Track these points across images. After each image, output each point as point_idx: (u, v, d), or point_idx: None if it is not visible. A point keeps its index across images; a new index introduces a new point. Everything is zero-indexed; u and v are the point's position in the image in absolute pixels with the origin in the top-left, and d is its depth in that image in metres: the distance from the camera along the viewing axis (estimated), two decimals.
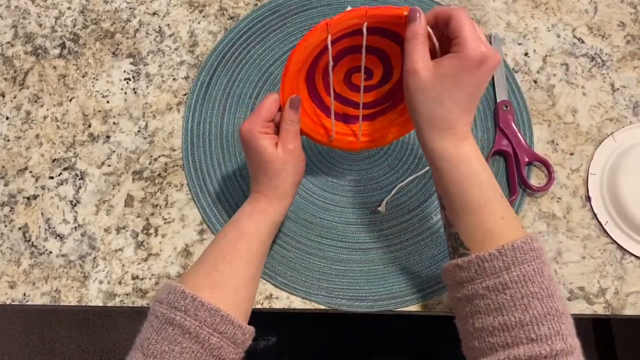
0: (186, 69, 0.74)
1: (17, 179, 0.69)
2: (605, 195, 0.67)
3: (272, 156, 0.54)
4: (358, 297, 0.63)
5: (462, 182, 0.49)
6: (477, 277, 0.47)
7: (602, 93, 0.72)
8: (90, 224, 0.67)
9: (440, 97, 0.48)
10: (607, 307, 0.63)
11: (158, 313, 0.49)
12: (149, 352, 0.47)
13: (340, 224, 0.66)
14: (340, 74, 0.57)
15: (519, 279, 0.45)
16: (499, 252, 0.46)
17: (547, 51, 0.74)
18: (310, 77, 0.56)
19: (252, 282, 0.56)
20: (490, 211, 0.49)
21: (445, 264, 0.52)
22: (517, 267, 0.45)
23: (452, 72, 0.47)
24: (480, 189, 0.49)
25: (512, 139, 0.68)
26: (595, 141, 0.70)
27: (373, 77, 0.58)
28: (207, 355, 0.48)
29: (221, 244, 0.55)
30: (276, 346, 0.76)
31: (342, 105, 0.60)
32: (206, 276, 0.53)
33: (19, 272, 0.65)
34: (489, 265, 0.46)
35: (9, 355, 1.48)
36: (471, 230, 0.49)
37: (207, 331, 0.48)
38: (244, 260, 0.54)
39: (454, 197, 0.50)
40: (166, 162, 0.69)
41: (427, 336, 0.78)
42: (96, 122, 0.71)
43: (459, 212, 0.50)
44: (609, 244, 0.66)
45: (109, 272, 0.64)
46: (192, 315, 0.48)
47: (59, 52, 0.75)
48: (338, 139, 0.60)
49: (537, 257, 0.46)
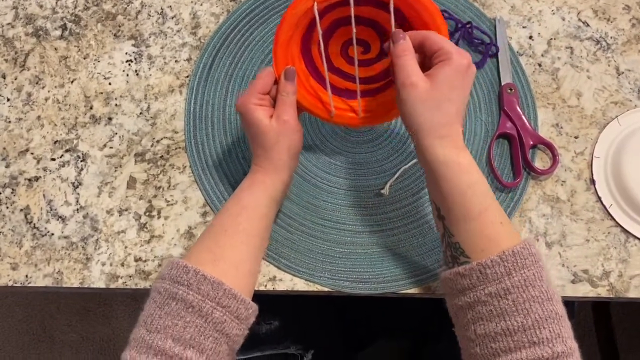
0: (188, 50, 0.73)
1: (19, 160, 0.68)
2: (609, 179, 0.67)
3: (266, 127, 0.55)
4: (361, 279, 0.63)
5: (464, 190, 0.50)
6: (479, 284, 0.47)
7: (607, 76, 0.72)
8: (92, 205, 0.66)
9: (439, 104, 0.50)
10: (611, 290, 0.63)
11: (161, 289, 0.49)
12: (152, 328, 0.47)
13: (344, 207, 0.66)
14: (337, 46, 0.57)
15: (520, 284, 0.45)
16: (500, 258, 0.46)
17: (552, 34, 0.74)
18: (306, 50, 0.56)
19: (255, 257, 0.55)
20: (490, 218, 0.49)
21: (444, 272, 0.51)
22: (518, 272, 0.46)
23: (446, 78, 0.50)
24: (480, 196, 0.50)
25: (516, 122, 0.68)
26: (600, 124, 0.70)
27: (371, 50, 0.57)
28: (210, 329, 0.48)
29: (222, 218, 0.55)
30: (279, 330, 0.76)
31: (343, 80, 0.59)
32: (208, 250, 0.53)
33: (20, 254, 0.64)
34: (490, 272, 0.46)
35: (9, 343, 1.48)
36: (472, 238, 0.49)
37: (210, 305, 0.48)
38: (245, 234, 0.54)
39: (456, 205, 0.50)
40: (168, 144, 0.69)
41: (430, 320, 0.78)
42: (98, 103, 0.71)
43: (460, 221, 0.50)
44: (613, 227, 0.65)
45: (111, 254, 0.64)
46: (195, 289, 0.48)
47: (60, 33, 0.74)
48: (339, 114, 0.59)
49: (536, 261, 0.47)
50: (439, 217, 0.53)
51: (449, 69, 0.50)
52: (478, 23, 0.74)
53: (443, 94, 0.50)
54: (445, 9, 0.74)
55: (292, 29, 0.53)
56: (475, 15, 0.74)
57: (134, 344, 0.47)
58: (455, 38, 0.73)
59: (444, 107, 0.50)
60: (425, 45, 0.51)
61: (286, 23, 0.52)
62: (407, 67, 0.50)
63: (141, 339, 0.47)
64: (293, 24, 0.52)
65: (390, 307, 0.79)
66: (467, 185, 0.50)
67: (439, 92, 0.50)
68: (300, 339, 0.77)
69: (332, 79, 0.59)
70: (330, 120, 0.59)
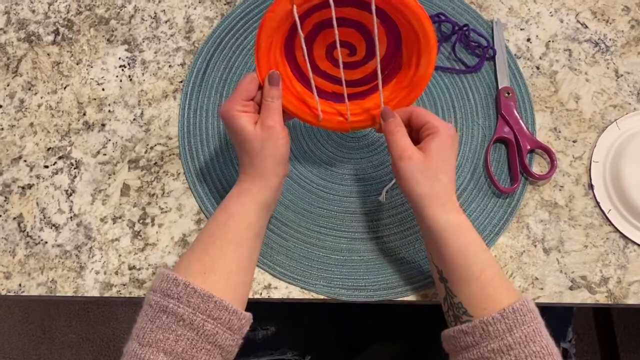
0: (182, 55, 0.72)
1: (12, 168, 0.68)
2: (608, 183, 0.66)
3: (250, 134, 0.54)
4: (357, 286, 0.62)
5: (464, 251, 0.52)
6: (482, 341, 0.49)
7: (606, 79, 0.71)
8: (85, 213, 0.66)
9: (436, 174, 0.54)
10: (610, 297, 0.62)
11: (152, 302, 0.49)
12: (145, 342, 0.46)
13: (340, 213, 0.66)
14: (322, 49, 0.56)
15: (522, 340, 0.47)
16: (501, 315, 0.48)
17: (550, 37, 0.73)
18: (290, 54, 0.55)
19: (245, 267, 0.55)
20: (490, 276, 0.52)
21: (446, 331, 0.53)
22: (518, 328, 0.48)
23: (437, 150, 0.54)
24: (479, 255, 0.52)
25: (514, 126, 0.67)
26: (599, 128, 0.69)
27: (357, 52, 0.56)
28: (202, 341, 0.48)
29: (211, 228, 0.55)
30: (275, 336, 0.76)
31: (331, 83, 0.58)
32: (197, 261, 0.52)
33: (14, 263, 0.64)
34: (493, 329, 0.48)
35: (9, 344, 1.48)
36: (474, 297, 0.51)
37: (201, 317, 0.48)
38: (234, 244, 0.54)
39: (458, 267, 0.52)
40: (162, 150, 0.68)
41: (427, 324, 0.78)
42: (91, 110, 0.70)
43: (462, 282, 0.52)
44: (612, 232, 0.65)
45: (105, 262, 0.64)
46: (185, 302, 0.48)
47: (52, 38, 0.73)
48: (327, 118, 0.58)
49: (535, 317, 0.49)
50: (440, 279, 0.55)
51: (439, 141, 0.54)
52: (475, 26, 0.73)
53: (437, 164, 0.54)
54: (442, 11, 0.73)
55: (272, 33, 0.52)
56: (472, 18, 0.73)
57: (127, 357, 0.47)
58: (452, 41, 0.72)
59: (440, 176, 0.54)
60: (412, 119, 0.56)
61: (266, 27, 0.51)
62: (401, 142, 0.54)
63: (133, 352, 0.47)
64: (273, 28, 0.51)
65: (387, 311, 0.79)
66: (466, 246, 0.53)
67: (433, 163, 0.53)
68: (297, 344, 0.76)
69: (319, 82, 0.58)
70: (319, 124, 0.58)
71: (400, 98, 0.57)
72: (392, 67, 0.57)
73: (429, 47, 0.53)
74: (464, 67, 0.71)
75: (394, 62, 0.57)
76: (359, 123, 0.59)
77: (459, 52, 0.72)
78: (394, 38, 0.55)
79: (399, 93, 0.57)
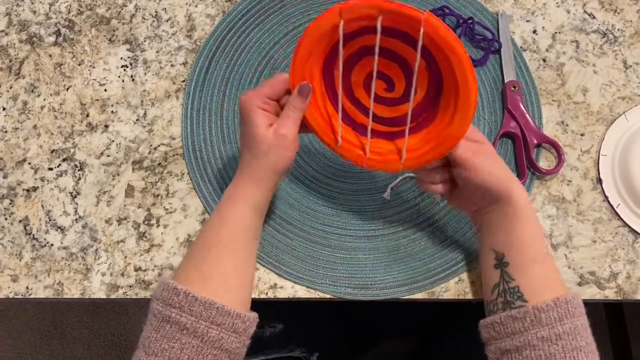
0: (184, 54, 0.72)
1: (16, 170, 0.68)
2: (617, 177, 0.65)
3: (260, 135, 0.53)
4: (364, 285, 0.62)
5: (536, 234, 0.53)
6: (531, 327, 0.48)
7: (614, 71, 0.70)
8: (91, 215, 0.66)
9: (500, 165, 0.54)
10: (619, 292, 0.62)
11: (155, 311, 0.49)
12: (150, 351, 0.47)
13: (344, 212, 0.65)
14: (360, 76, 0.53)
15: (571, 331, 0.48)
16: (555, 303, 0.48)
17: (557, 28, 0.71)
18: (329, 74, 0.53)
19: (244, 269, 0.55)
20: (551, 264, 0.53)
21: (490, 318, 0.52)
22: (569, 319, 0.48)
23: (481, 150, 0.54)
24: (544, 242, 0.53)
25: (520, 121, 0.66)
26: (607, 121, 0.68)
27: (395, 89, 0.53)
28: (208, 347, 0.48)
29: (206, 233, 0.54)
30: (283, 333, 0.76)
31: (362, 114, 0.55)
32: (195, 269, 0.52)
33: (21, 266, 0.64)
34: (545, 316, 0.48)
35: (22, 340, 1.50)
36: (535, 281, 0.51)
37: (205, 325, 0.48)
38: (229, 250, 0.53)
39: (527, 249, 0.52)
40: (166, 151, 0.68)
41: (434, 322, 0.77)
42: (94, 111, 0.70)
43: (527, 264, 0.52)
44: (621, 227, 0.64)
45: (111, 264, 0.64)
46: (187, 310, 0.48)
47: (54, 39, 0.73)
48: (346, 147, 0.55)
49: (583, 313, 0.50)
50: (496, 265, 0.54)
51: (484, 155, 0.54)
52: (480, 18, 0.72)
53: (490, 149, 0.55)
54: (446, 4, 0.72)
55: (314, 44, 0.49)
56: (477, 10, 0.72)
57: None
58: (457, 35, 0.71)
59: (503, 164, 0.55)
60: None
61: (307, 37, 0.49)
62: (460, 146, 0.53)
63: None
64: (315, 39, 0.49)
65: (394, 309, 0.78)
66: (537, 232, 0.53)
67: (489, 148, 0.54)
68: (305, 341, 0.76)
69: (349, 109, 0.55)
70: (336, 149, 0.56)
71: (426, 150, 0.53)
72: (426, 117, 0.53)
73: (468, 102, 0.49)
74: None
75: (430, 111, 0.53)
76: (375, 162, 0.56)
77: (464, 45, 0.70)
78: (435, 86, 0.51)
79: (426, 144, 0.53)
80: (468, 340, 0.56)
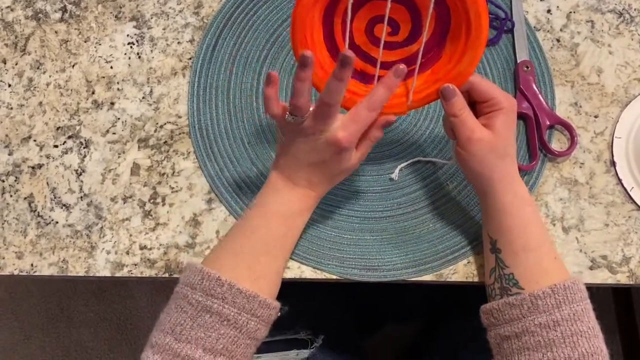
0: (191, 31, 0.71)
1: (22, 147, 0.67)
2: (631, 160, 0.64)
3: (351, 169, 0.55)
4: (371, 266, 0.61)
5: (525, 223, 0.53)
6: (529, 314, 0.49)
7: (630, 51, 0.68)
8: (96, 193, 0.65)
9: (505, 151, 0.53)
10: (631, 276, 0.61)
11: (192, 300, 0.49)
12: (183, 338, 0.48)
13: (352, 192, 0.64)
14: (362, 21, 0.52)
15: (570, 317, 0.47)
16: (552, 290, 0.48)
17: (571, 7, 0.70)
18: (327, 22, 0.51)
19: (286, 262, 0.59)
20: (547, 251, 0.52)
21: (489, 304, 0.53)
22: (567, 305, 0.48)
23: (504, 126, 0.52)
24: (540, 229, 0.53)
25: (532, 101, 0.65)
26: (622, 102, 0.66)
27: (399, 32, 0.52)
28: (244, 337, 0.50)
29: (264, 237, 0.54)
30: (288, 316, 0.75)
31: (362, 61, 0.54)
32: (248, 269, 0.53)
33: (25, 243, 0.64)
34: (542, 303, 0.48)
35: (29, 323, 1.51)
36: (529, 268, 0.51)
37: (246, 317, 0.49)
38: (288, 253, 0.58)
39: (518, 238, 0.52)
40: (172, 129, 0.67)
41: (440, 304, 0.77)
42: (100, 88, 0.69)
43: (519, 251, 0.52)
44: (634, 210, 0.63)
45: (116, 242, 0.63)
46: (230, 302, 0.49)
47: (60, 16, 0.72)
48: (350, 98, 0.54)
49: (584, 298, 0.49)
50: (492, 250, 0.54)
51: (504, 117, 0.52)
52: None
53: (505, 140, 0.53)
54: None
55: None
56: None
57: (157, 349, 0.48)
58: None
59: (510, 152, 0.54)
60: (473, 93, 0.53)
61: None
62: (469, 123, 0.52)
63: (167, 346, 0.48)
64: None
65: (400, 291, 0.78)
66: (528, 218, 0.53)
67: (502, 140, 0.52)
68: (310, 324, 0.76)
69: None
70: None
71: (431, 91, 0.53)
72: (431, 57, 0.53)
73: (479, 42, 0.50)
74: None
75: (434, 52, 0.53)
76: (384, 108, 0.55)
77: None
78: (441, 27, 0.51)
79: (432, 85, 0.53)
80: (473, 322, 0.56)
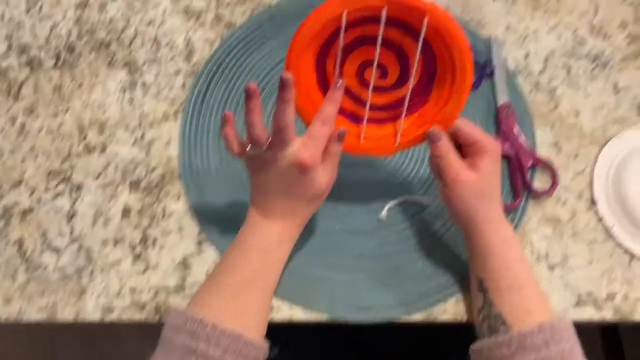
0: (183, 77, 0.73)
1: (12, 192, 0.68)
2: (611, 198, 0.66)
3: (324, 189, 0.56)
4: (362, 306, 0.62)
5: (510, 263, 0.54)
6: (517, 353, 0.49)
7: (605, 94, 0.71)
8: (86, 236, 0.65)
9: (490, 192, 0.55)
10: (616, 313, 0.62)
11: (177, 342, 0.49)
12: None
13: (341, 232, 0.65)
14: (354, 64, 0.54)
15: (557, 355, 0.48)
16: (539, 329, 0.49)
17: (548, 53, 0.73)
18: (320, 64, 0.54)
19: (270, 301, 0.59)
20: (531, 291, 0.54)
21: (478, 343, 0.53)
22: (555, 344, 0.48)
23: (490, 167, 0.55)
24: (525, 269, 0.55)
25: (514, 143, 0.67)
26: (600, 143, 0.69)
27: (388, 76, 0.55)
28: None
29: (245, 272, 0.55)
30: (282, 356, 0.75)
31: (352, 102, 0.57)
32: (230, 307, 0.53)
33: (14, 287, 0.63)
34: (530, 341, 0.49)
35: None
36: (515, 308, 0.52)
37: (232, 357, 0.49)
38: (272, 286, 0.57)
39: (503, 278, 0.54)
40: (163, 172, 0.68)
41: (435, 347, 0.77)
42: (92, 133, 0.70)
43: (505, 292, 0.53)
44: (616, 247, 0.64)
45: (106, 285, 0.63)
46: (214, 343, 0.48)
47: (53, 62, 0.74)
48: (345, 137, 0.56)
49: (570, 336, 0.50)
50: (479, 289, 0.55)
51: (489, 160, 0.54)
52: (473, 43, 0.73)
53: (490, 182, 0.55)
54: None
55: (312, 35, 0.50)
56: (469, 35, 0.73)
57: None
58: None
59: (494, 194, 0.56)
60: (459, 136, 0.55)
61: (308, 26, 0.50)
62: (454, 166, 0.54)
63: None
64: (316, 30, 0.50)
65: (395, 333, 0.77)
66: (512, 258, 0.54)
67: (486, 182, 0.55)
68: None
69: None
70: None
71: (418, 133, 0.56)
72: (418, 100, 0.56)
73: (463, 87, 0.53)
74: None
75: (422, 96, 0.56)
76: (371, 149, 0.58)
77: None
78: (428, 72, 0.54)
79: (419, 128, 0.56)
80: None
